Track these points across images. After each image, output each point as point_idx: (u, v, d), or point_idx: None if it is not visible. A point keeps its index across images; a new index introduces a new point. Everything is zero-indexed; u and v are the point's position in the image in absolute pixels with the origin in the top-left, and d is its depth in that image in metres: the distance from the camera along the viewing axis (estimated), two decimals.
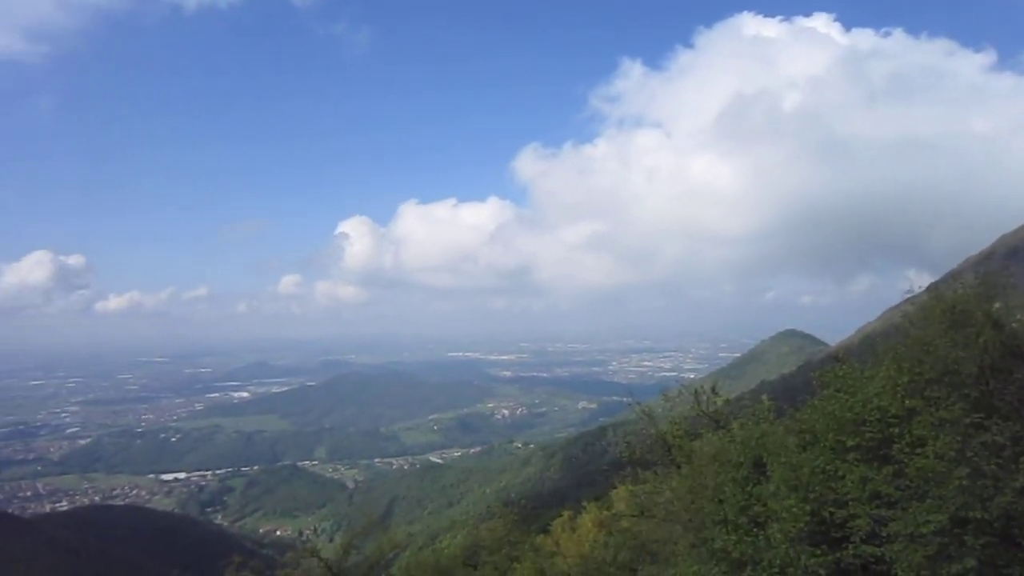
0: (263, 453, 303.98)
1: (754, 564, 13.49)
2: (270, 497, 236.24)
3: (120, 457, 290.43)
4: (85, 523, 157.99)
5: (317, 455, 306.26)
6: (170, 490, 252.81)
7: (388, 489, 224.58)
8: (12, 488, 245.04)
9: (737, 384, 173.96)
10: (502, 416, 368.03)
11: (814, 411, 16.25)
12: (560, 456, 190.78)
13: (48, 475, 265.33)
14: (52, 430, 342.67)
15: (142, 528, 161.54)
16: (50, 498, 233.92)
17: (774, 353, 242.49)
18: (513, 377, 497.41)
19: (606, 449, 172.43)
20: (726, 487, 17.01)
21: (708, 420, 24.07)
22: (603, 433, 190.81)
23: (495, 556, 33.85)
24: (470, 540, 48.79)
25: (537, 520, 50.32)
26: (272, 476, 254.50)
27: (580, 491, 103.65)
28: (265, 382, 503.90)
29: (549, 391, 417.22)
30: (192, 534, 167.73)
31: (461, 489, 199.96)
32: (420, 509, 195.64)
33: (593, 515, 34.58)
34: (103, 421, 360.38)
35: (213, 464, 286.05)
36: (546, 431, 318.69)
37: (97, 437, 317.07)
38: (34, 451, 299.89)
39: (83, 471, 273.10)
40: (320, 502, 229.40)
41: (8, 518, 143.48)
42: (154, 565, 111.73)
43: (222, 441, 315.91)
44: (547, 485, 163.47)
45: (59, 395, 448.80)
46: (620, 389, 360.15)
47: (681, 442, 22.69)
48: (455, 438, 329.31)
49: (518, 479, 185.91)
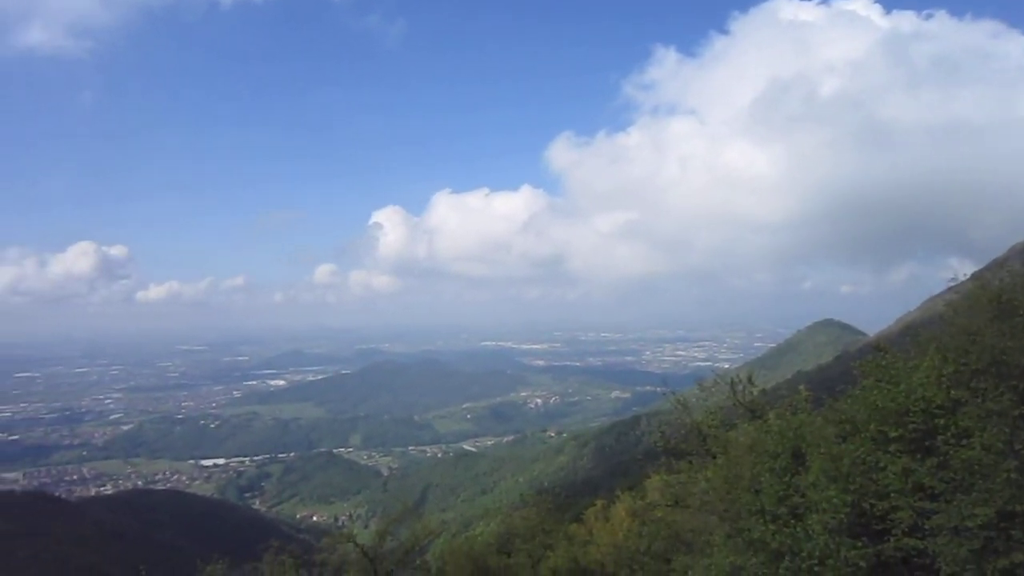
0: (299, 440, 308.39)
1: (792, 555, 13.30)
2: (306, 483, 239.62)
3: (161, 443, 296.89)
4: (128, 506, 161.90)
5: (352, 442, 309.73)
6: (209, 475, 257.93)
7: (422, 477, 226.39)
8: (59, 472, 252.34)
9: (773, 374, 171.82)
10: (535, 405, 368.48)
11: (855, 401, 15.95)
12: (593, 445, 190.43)
13: (93, 460, 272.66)
14: (96, 416, 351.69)
15: (182, 512, 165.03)
16: (95, 482, 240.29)
17: (811, 343, 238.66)
18: (546, 366, 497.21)
19: (639, 439, 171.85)
20: (763, 477, 16.78)
21: (744, 410, 23.76)
22: (636, 422, 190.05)
23: (529, 544, 33.90)
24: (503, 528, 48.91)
25: (570, 509, 50.40)
26: (308, 463, 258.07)
27: (613, 480, 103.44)
28: (301, 370, 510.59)
29: (582, 380, 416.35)
30: (231, 519, 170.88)
31: (494, 477, 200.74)
32: (453, 497, 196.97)
33: (627, 504, 34.43)
34: (145, 408, 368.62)
35: (251, 450, 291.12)
36: (579, 420, 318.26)
37: (139, 423, 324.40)
38: (79, 436, 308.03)
39: (126, 456, 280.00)
40: (355, 489, 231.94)
41: (56, 501, 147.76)
42: (194, 548, 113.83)
43: (259, 428, 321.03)
44: (580, 474, 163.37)
45: (103, 382, 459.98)
46: (654, 379, 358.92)
47: (716, 432, 22.42)
48: (488, 427, 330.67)
49: (551, 468, 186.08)
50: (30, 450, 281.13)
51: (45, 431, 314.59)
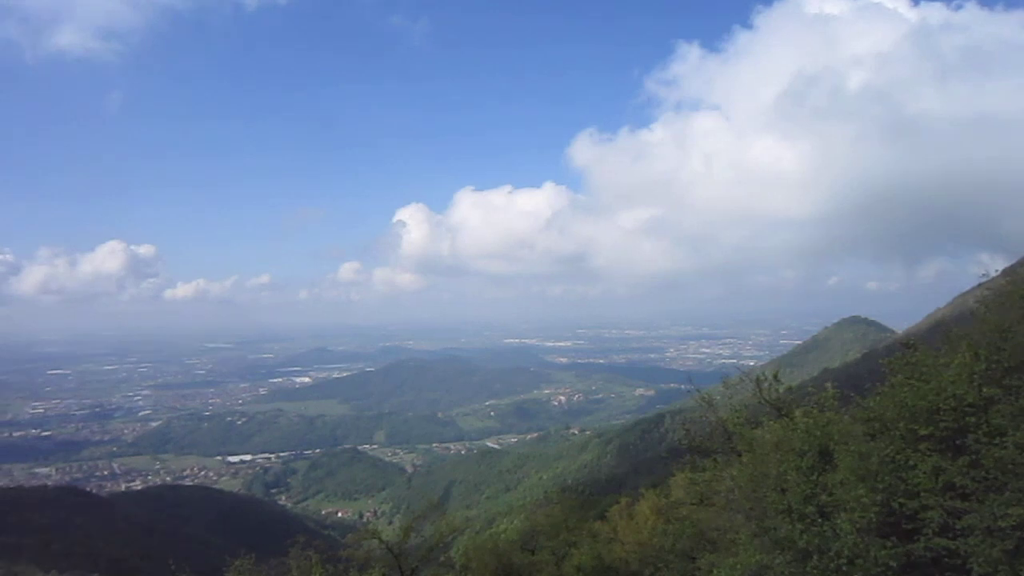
0: (324, 437, 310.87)
1: (820, 554, 13.14)
2: (331, 479, 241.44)
3: (189, 439, 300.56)
4: (157, 502, 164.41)
5: (376, 439, 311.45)
6: (236, 471, 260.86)
7: (445, 473, 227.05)
8: (90, 467, 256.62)
9: (799, 372, 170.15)
10: (558, 402, 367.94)
11: (883, 399, 15.70)
12: (617, 443, 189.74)
13: (122, 455, 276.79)
14: (126, 412, 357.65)
15: (210, 507, 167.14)
16: (124, 477, 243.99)
17: (838, 340, 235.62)
18: (569, 363, 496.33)
19: (663, 436, 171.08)
20: (789, 476, 16.61)
21: (770, 408, 23.53)
22: (660, 420, 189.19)
23: (553, 542, 33.94)
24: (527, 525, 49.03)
25: (594, 506, 50.30)
26: (333, 459, 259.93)
27: (637, 478, 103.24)
28: (326, 367, 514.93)
29: (606, 378, 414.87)
30: (257, 514, 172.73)
31: (518, 474, 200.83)
32: (477, 494, 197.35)
33: (651, 502, 34.30)
34: (173, 404, 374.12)
35: (277, 447, 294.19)
36: (602, 418, 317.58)
37: (167, 420, 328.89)
38: (109, 432, 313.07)
39: (155, 452, 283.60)
40: (380, 485, 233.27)
41: (87, 496, 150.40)
42: (222, 543, 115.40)
43: (285, 425, 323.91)
44: (604, 472, 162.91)
45: (132, 379, 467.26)
46: (678, 376, 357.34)
47: (742, 430, 22.24)
48: (511, 424, 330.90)
49: (574, 465, 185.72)
50: (62, 446, 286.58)
51: (76, 427, 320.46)
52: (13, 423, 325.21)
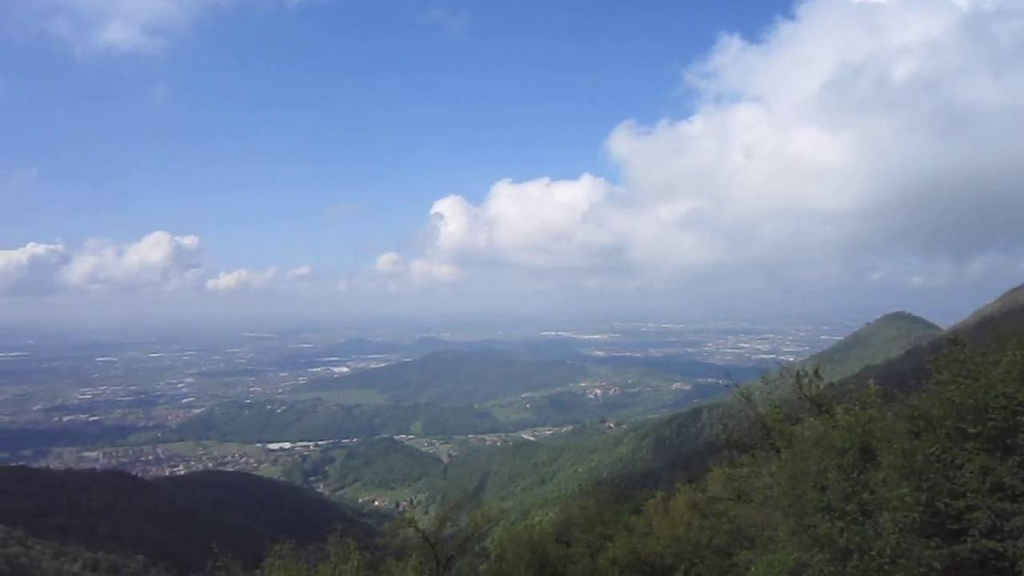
0: (362, 426, 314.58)
1: (861, 553, 12.85)
2: (368, 469, 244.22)
3: (230, 426, 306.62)
4: (199, 487, 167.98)
5: (413, 429, 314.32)
6: (276, 459, 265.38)
7: (481, 464, 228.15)
8: (136, 452, 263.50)
9: (840, 368, 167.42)
10: (594, 395, 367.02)
11: (929, 396, 15.32)
12: (653, 437, 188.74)
13: (166, 441, 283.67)
14: (170, 399, 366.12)
15: (250, 493, 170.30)
16: (168, 462, 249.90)
17: (880, 336, 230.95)
18: (606, 357, 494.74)
19: (700, 431, 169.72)
20: (830, 473, 16.30)
21: (810, 404, 23.09)
22: (697, 415, 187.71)
23: (588, 534, 33.90)
24: (562, 517, 48.97)
25: (629, 500, 50.02)
26: (370, 448, 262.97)
27: (673, 473, 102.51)
28: (364, 358, 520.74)
29: (642, 371, 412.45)
30: (296, 501, 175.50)
31: (553, 467, 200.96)
32: (512, 485, 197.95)
33: (687, 497, 34.01)
34: (215, 392, 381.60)
35: (315, 435, 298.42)
36: (638, 411, 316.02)
37: (210, 407, 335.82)
38: (154, 419, 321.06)
39: (197, 438, 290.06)
40: (416, 475, 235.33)
41: (133, 480, 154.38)
42: (262, 528, 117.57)
43: (323, 414, 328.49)
44: (639, 466, 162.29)
45: (175, 367, 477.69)
46: (716, 371, 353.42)
47: (781, 426, 21.89)
48: (547, 416, 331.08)
49: (609, 459, 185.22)
50: (109, 431, 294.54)
51: (123, 413, 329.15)
52: (63, 408, 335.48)
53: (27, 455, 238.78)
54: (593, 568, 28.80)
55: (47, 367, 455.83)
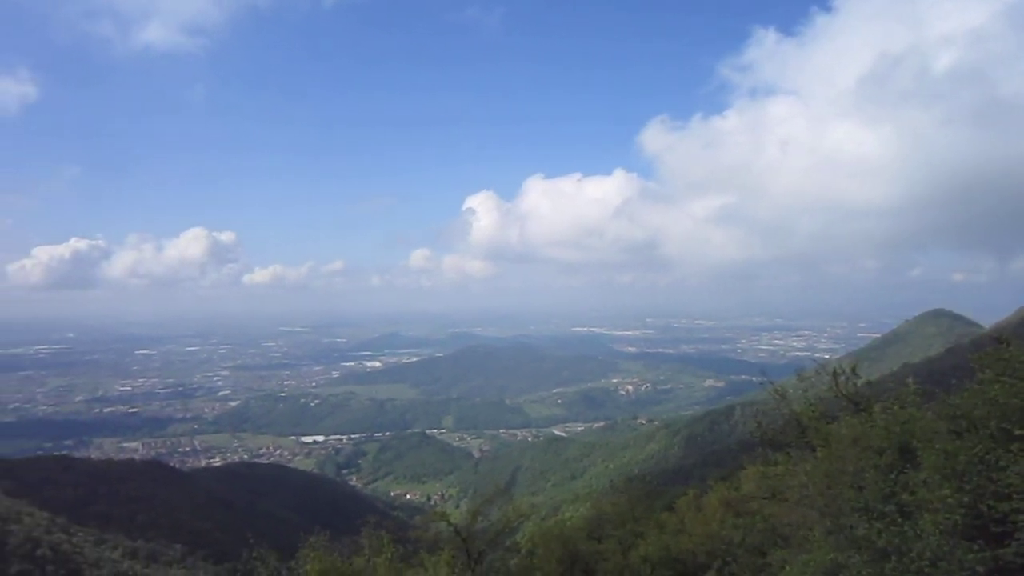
0: (394, 420, 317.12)
1: (900, 555, 12.60)
2: (400, 462, 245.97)
3: (265, 419, 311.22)
4: (235, 478, 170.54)
5: (444, 424, 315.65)
6: (310, 451, 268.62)
7: (512, 459, 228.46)
8: (173, 443, 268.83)
9: (877, 366, 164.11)
10: (626, 392, 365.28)
11: (971, 396, 14.94)
12: (685, 434, 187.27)
13: (203, 433, 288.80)
14: (206, 392, 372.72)
15: (285, 485, 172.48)
16: (205, 454, 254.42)
17: (919, 334, 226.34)
18: (638, 353, 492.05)
19: (733, 428, 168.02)
20: (867, 473, 16.01)
21: (847, 402, 22.69)
22: (730, 412, 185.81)
23: (619, 530, 33.73)
24: (593, 513, 48.87)
25: (661, 497, 49.73)
26: (402, 442, 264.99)
27: (705, 470, 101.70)
28: (396, 352, 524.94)
29: (675, 368, 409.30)
30: (329, 493, 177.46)
31: (584, 463, 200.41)
32: (543, 480, 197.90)
33: (720, 495, 33.71)
34: (250, 385, 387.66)
35: (348, 429, 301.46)
36: (670, 408, 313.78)
37: (245, 400, 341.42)
38: (191, 411, 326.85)
39: (233, 430, 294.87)
40: (447, 469, 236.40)
41: (171, 470, 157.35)
42: (296, 520, 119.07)
43: (356, 407, 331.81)
44: (671, 462, 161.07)
45: (212, 360, 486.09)
46: (749, 368, 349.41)
47: (817, 424, 21.52)
48: (579, 412, 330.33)
49: (641, 455, 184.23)
50: (148, 422, 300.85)
51: (161, 405, 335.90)
52: (104, 399, 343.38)
53: (69, 445, 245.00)
54: (625, 565, 28.69)
55: (88, 359, 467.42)
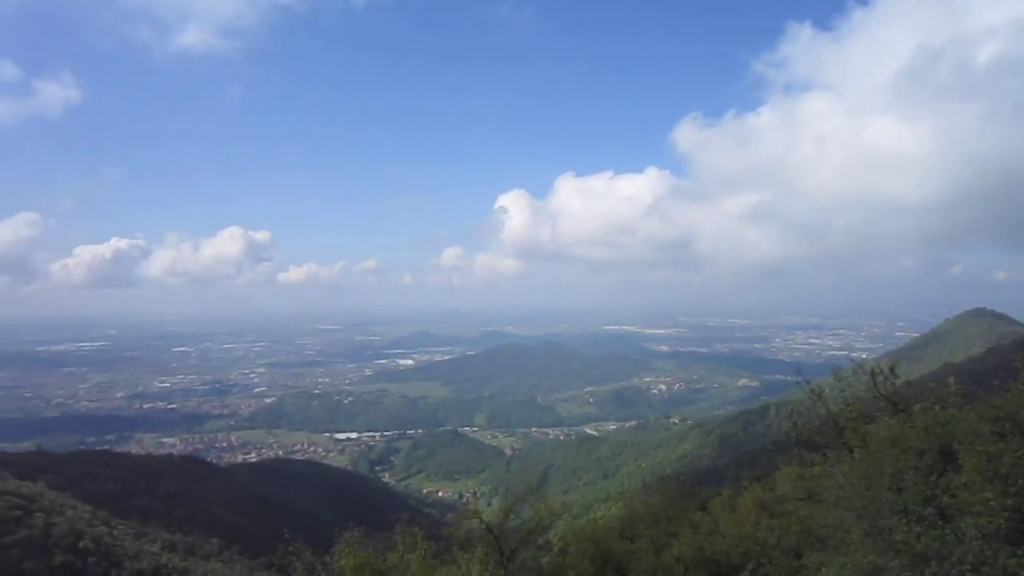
0: (426, 418, 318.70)
1: (940, 559, 12.36)
2: (432, 460, 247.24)
3: (300, 416, 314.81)
4: (270, 474, 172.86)
5: (476, 422, 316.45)
6: (343, 448, 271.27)
7: (544, 458, 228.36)
8: (210, 439, 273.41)
9: (917, 366, 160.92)
10: (659, 391, 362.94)
11: (1015, 396, 14.61)
12: (718, 433, 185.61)
13: (239, 429, 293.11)
14: (242, 389, 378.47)
15: (319, 481, 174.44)
16: (241, 449, 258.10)
17: (960, 333, 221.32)
18: (670, 352, 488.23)
19: (768, 428, 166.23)
20: (906, 475, 15.71)
21: (885, 402, 22.27)
22: (765, 412, 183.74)
23: (652, 530, 33.59)
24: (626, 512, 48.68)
25: (694, 497, 49.38)
26: (435, 440, 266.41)
27: (739, 470, 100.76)
28: (428, 350, 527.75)
29: (708, 367, 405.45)
30: (362, 489, 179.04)
31: (616, 462, 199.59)
32: (575, 479, 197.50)
33: (754, 495, 33.37)
34: (285, 382, 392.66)
35: (381, 426, 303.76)
36: (704, 408, 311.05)
37: (280, 397, 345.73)
38: (228, 407, 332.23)
39: (268, 427, 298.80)
40: (479, 467, 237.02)
41: (208, 466, 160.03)
42: (330, 515, 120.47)
43: (389, 405, 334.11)
44: (704, 463, 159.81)
45: (248, 357, 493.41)
46: (784, 367, 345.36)
47: (855, 424, 21.17)
48: (611, 411, 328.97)
49: (674, 455, 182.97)
50: (186, 418, 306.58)
51: (199, 401, 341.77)
52: (143, 395, 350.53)
53: (111, 440, 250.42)
54: (657, 565, 28.53)
55: (128, 356, 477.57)
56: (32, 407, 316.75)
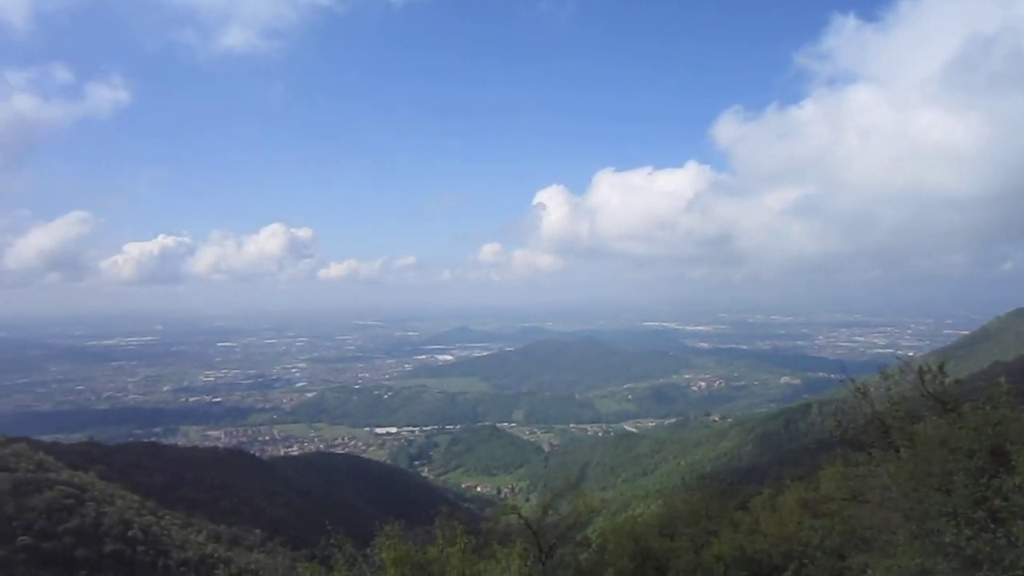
0: (465, 413, 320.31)
1: (992, 564, 12.05)
2: (471, 455, 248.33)
3: (340, 410, 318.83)
4: (311, 467, 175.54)
5: (515, 417, 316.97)
6: (383, 442, 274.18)
7: (582, 454, 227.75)
8: (254, 432, 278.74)
9: (965, 364, 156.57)
10: (698, 388, 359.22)
11: None
12: (759, 431, 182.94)
13: (281, 423, 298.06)
14: (284, 383, 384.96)
15: (359, 475, 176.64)
16: (283, 443, 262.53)
17: (1012, 331, 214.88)
18: (711, 348, 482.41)
19: (810, 427, 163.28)
20: (956, 476, 15.32)
21: (933, 401, 21.72)
22: (807, 410, 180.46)
23: (691, 528, 33.26)
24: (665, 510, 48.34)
25: (734, 496, 48.81)
26: (473, 435, 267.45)
27: (780, 469, 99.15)
28: (467, 346, 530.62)
29: (749, 364, 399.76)
30: (402, 483, 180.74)
31: (655, 459, 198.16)
32: (613, 476, 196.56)
33: (797, 495, 32.84)
34: (326, 377, 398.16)
35: (420, 421, 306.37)
36: (744, 405, 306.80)
37: (321, 391, 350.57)
38: (270, 401, 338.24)
39: (310, 421, 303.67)
40: (517, 462, 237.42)
41: (251, 458, 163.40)
42: (370, 509, 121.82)
43: (428, 400, 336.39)
44: (745, 461, 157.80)
45: (290, 352, 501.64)
46: (828, 364, 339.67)
47: (901, 423, 20.68)
48: (649, 408, 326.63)
49: (714, 453, 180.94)
50: (230, 411, 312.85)
51: (242, 395, 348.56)
52: (189, 389, 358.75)
53: (158, 432, 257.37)
54: (697, 563, 28.29)
55: (175, 351, 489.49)
56: (84, 400, 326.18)
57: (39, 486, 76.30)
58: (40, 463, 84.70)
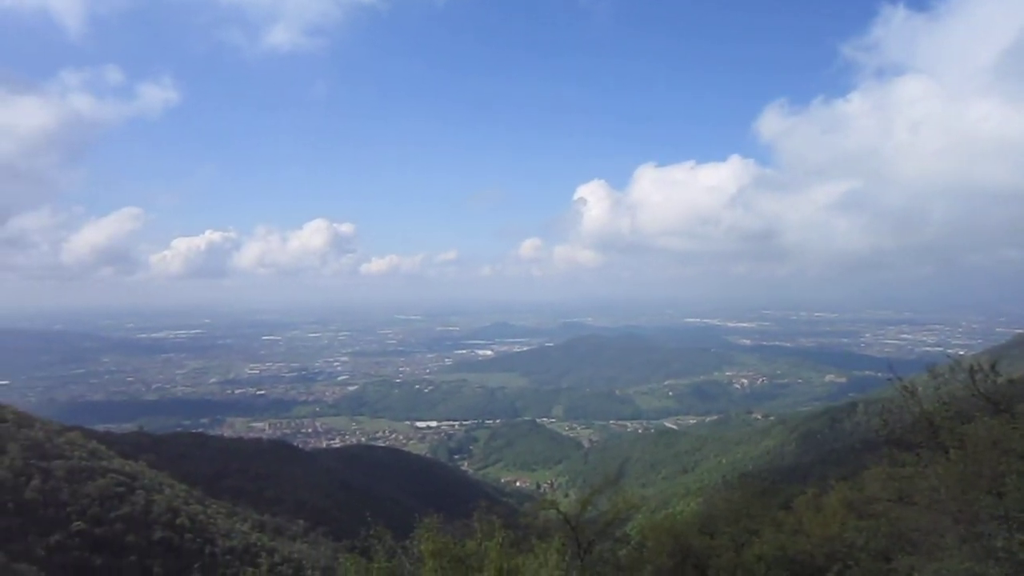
0: (504, 408, 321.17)
1: None
2: (510, 450, 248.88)
3: (381, 404, 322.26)
4: (353, 459, 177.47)
5: (554, 413, 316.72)
6: (423, 436, 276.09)
7: (622, 451, 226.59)
8: (297, 424, 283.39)
9: (1019, 364, 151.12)
10: (740, 385, 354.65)
11: None
12: (802, 430, 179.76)
13: (324, 415, 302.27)
14: (327, 376, 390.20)
15: (400, 468, 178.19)
16: (326, 436, 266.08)
17: None
18: (753, 345, 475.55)
19: (856, 426, 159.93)
20: (1008, 479, 14.90)
21: (984, 401, 21.08)
22: (853, 409, 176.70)
23: (732, 527, 32.92)
24: (705, 508, 47.92)
25: (776, 495, 48.12)
26: (512, 430, 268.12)
27: (824, 469, 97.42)
28: (507, 341, 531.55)
29: (792, 361, 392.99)
30: (442, 477, 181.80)
31: (695, 457, 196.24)
32: (653, 473, 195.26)
33: (841, 495, 32.24)
34: (368, 371, 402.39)
35: (460, 415, 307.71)
36: (787, 403, 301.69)
37: (363, 385, 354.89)
38: (313, 394, 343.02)
39: (351, 414, 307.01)
40: (556, 458, 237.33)
41: (295, 450, 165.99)
42: (410, 501, 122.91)
43: (468, 394, 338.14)
44: (787, 460, 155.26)
45: (332, 346, 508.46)
46: (874, 363, 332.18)
47: (951, 424, 20.12)
48: (690, 405, 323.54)
49: (755, 451, 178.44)
50: (274, 404, 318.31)
51: (286, 388, 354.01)
52: (235, 382, 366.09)
53: (205, 423, 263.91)
54: (738, 562, 27.99)
55: (221, 344, 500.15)
56: (134, 391, 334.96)
57: (92, 474, 78.67)
58: (93, 451, 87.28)
